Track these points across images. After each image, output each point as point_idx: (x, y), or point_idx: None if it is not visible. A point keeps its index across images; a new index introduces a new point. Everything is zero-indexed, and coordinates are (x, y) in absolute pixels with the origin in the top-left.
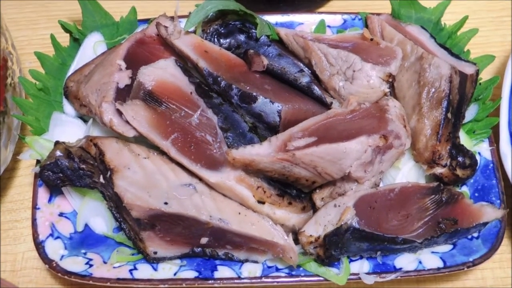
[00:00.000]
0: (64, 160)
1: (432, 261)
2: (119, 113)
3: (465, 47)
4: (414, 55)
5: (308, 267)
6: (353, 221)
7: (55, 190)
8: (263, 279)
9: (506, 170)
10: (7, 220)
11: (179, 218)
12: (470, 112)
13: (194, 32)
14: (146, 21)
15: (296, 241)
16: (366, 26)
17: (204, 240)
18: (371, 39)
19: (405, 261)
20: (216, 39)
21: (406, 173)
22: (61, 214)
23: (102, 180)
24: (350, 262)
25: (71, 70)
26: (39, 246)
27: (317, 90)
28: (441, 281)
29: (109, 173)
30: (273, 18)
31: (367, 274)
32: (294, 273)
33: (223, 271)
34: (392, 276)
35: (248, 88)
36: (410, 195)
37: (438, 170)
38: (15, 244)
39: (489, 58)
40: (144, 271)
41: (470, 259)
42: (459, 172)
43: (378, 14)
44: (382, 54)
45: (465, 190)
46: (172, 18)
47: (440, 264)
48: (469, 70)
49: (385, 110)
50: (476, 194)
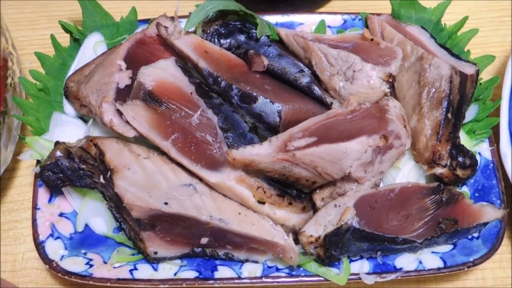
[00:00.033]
0: (64, 160)
1: (432, 261)
2: (119, 113)
3: (465, 47)
4: (414, 55)
5: (308, 267)
6: (353, 221)
7: (55, 190)
8: (263, 279)
9: (506, 170)
10: (7, 220)
11: (179, 218)
12: (470, 112)
13: (194, 32)
14: (146, 21)
15: (296, 241)
16: (366, 26)
17: (204, 240)
18: (371, 40)
19: (405, 261)
20: (216, 39)
21: (406, 173)
22: (61, 214)
23: (102, 180)
24: (350, 262)
25: (71, 70)
26: (39, 246)
27: (317, 90)
28: (441, 281)
29: (109, 173)
30: (273, 18)
31: (368, 274)
32: (294, 273)
33: (223, 271)
34: (392, 276)
35: (248, 88)
36: (410, 195)
37: (438, 170)
38: (15, 244)
39: (489, 58)
40: (144, 271)
41: (471, 259)
42: (459, 172)
43: (378, 14)
44: (382, 54)
45: (465, 190)
46: (172, 18)
47: (440, 264)
48: (469, 70)
49: (385, 110)
50: (476, 194)
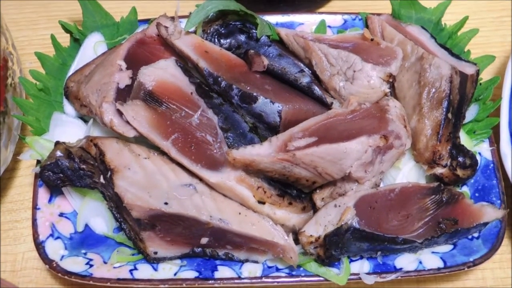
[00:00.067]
0: (64, 160)
1: (432, 261)
2: (120, 113)
3: (465, 47)
4: (415, 55)
5: (308, 267)
6: (353, 221)
7: (55, 190)
8: (264, 279)
9: (506, 170)
10: (7, 220)
11: (180, 218)
12: (471, 112)
13: (195, 32)
14: (147, 21)
15: (296, 241)
16: (367, 26)
17: (204, 240)
18: (372, 40)
19: (405, 261)
20: (216, 39)
21: (407, 173)
22: (61, 214)
23: (102, 180)
24: (350, 262)
25: (72, 70)
26: (39, 246)
27: (317, 90)
28: (441, 281)
29: (109, 173)
30: (273, 18)
31: (368, 274)
32: (294, 273)
33: (223, 271)
34: (392, 276)
35: (248, 88)
36: (411, 195)
37: (439, 170)
38: (15, 244)
39: (489, 58)
40: (144, 271)
41: (471, 259)
42: (460, 172)
43: (379, 15)
44: (382, 54)
45: (465, 190)
46: (172, 18)
47: (440, 264)
48: (469, 70)
49: (385, 110)
50: (476, 194)
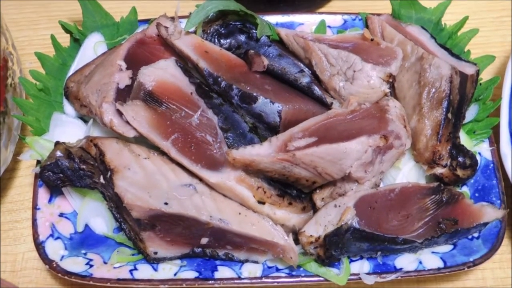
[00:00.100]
0: (64, 160)
1: (432, 261)
2: (120, 113)
3: (465, 48)
4: (415, 56)
5: (308, 267)
6: (353, 221)
7: (55, 191)
8: (264, 279)
9: (506, 170)
10: (7, 220)
11: (180, 219)
12: (471, 112)
13: (195, 32)
14: (147, 21)
15: (296, 241)
16: (367, 26)
17: (204, 240)
18: (372, 40)
19: (405, 261)
20: (216, 40)
21: (407, 173)
22: (61, 215)
23: (102, 180)
24: (350, 262)
25: (72, 71)
26: (39, 247)
27: (317, 90)
28: (441, 281)
29: (109, 173)
30: (273, 19)
31: (368, 274)
32: (294, 273)
33: (223, 271)
34: (392, 276)
35: (248, 88)
36: (411, 195)
37: (439, 170)
38: (15, 244)
39: (489, 58)
40: (144, 272)
41: (471, 259)
42: (460, 172)
43: (379, 15)
44: (382, 55)
45: (465, 190)
46: (172, 18)
47: (440, 264)
48: (469, 70)
49: (385, 110)
50: (476, 194)
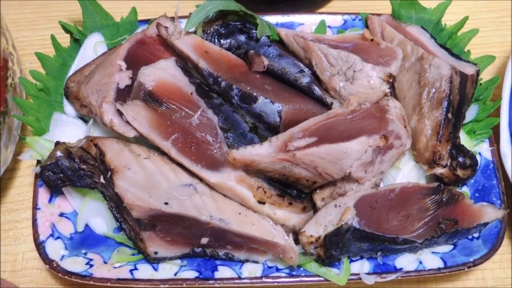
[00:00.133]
0: (64, 160)
1: (432, 261)
2: (120, 113)
3: (465, 48)
4: (415, 56)
5: (308, 267)
6: (353, 221)
7: (56, 191)
8: (264, 279)
9: (506, 170)
10: (8, 220)
11: (180, 218)
12: (471, 112)
13: (195, 32)
14: (147, 21)
15: (296, 241)
16: (367, 26)
17: (204, 240)
18: (372, 40)
19: (405, 261)
20: (216, 40)
21: (407, 173)
22: (61, 215)
23: (102, 180)
24: (350, 262)
25: (72, 71)
26: (40, 246)
27: (317, 90)
28: (441, 281)
29: (109, 173)
30: (273, 19)
31: (368, 274)
32: (294, 273)
33: (224, 271)
34: (392, 276)
35: (248, 88)
36: (411, 196)
37: (439, 171)
38: (16, 244)
39: (489, 58)
40: (144, 271)
41: (471, 259)
42: (460, 172)
43: (379, 15)
44: (382, 55)
45: (465, 190)
46: (172, 18)
47: (440, 264)
48: (469, 70)
49: (385, 110)
50: (476, 195)
